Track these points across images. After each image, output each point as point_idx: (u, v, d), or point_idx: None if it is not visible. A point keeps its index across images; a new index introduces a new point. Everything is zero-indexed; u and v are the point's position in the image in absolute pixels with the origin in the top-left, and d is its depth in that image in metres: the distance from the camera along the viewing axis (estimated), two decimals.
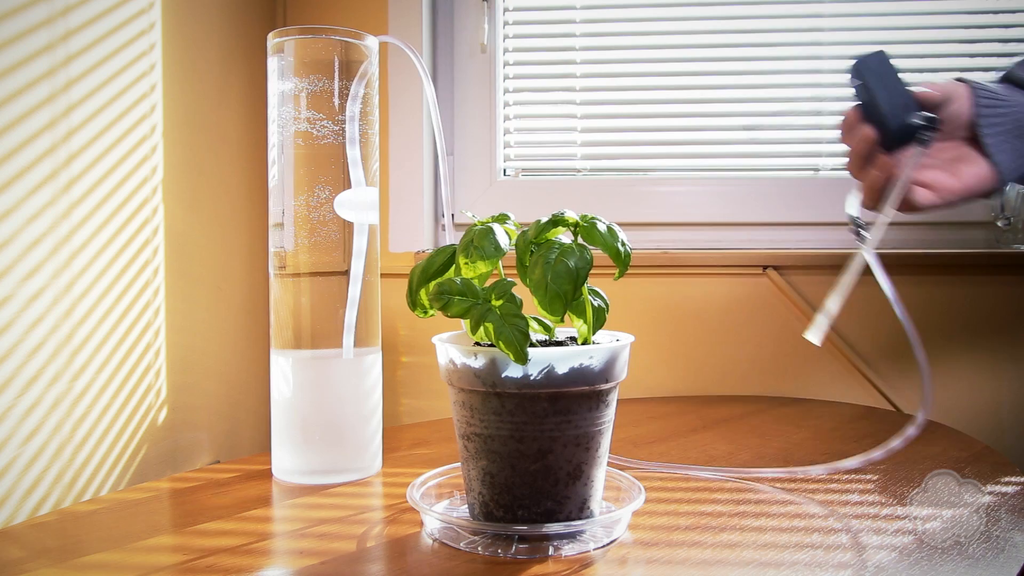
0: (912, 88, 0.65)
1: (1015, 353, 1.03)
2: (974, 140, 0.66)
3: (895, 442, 0.59)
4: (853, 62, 0.65)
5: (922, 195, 0.65)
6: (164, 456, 0.87)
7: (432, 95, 0.68)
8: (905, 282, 1.04)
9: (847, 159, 0.67)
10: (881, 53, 0.64)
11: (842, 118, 0.68)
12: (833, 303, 0.60)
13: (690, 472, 0.67)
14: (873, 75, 0.64)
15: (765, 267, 1.06)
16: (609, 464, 0.55)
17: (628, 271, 0.53)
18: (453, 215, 1.17)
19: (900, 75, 0.64)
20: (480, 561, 0.49)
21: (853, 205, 0.66)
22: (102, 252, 0.78)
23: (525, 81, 1.17)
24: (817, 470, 0.65)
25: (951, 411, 1.03)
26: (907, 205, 0.65)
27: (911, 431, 0.58)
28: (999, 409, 1.03)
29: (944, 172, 0.65)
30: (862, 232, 0.64)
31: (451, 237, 0.65)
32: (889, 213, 0.63)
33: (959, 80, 0.67)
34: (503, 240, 0.52)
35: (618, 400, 0.54)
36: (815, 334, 0.60)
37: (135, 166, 0.82)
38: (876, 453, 0.60)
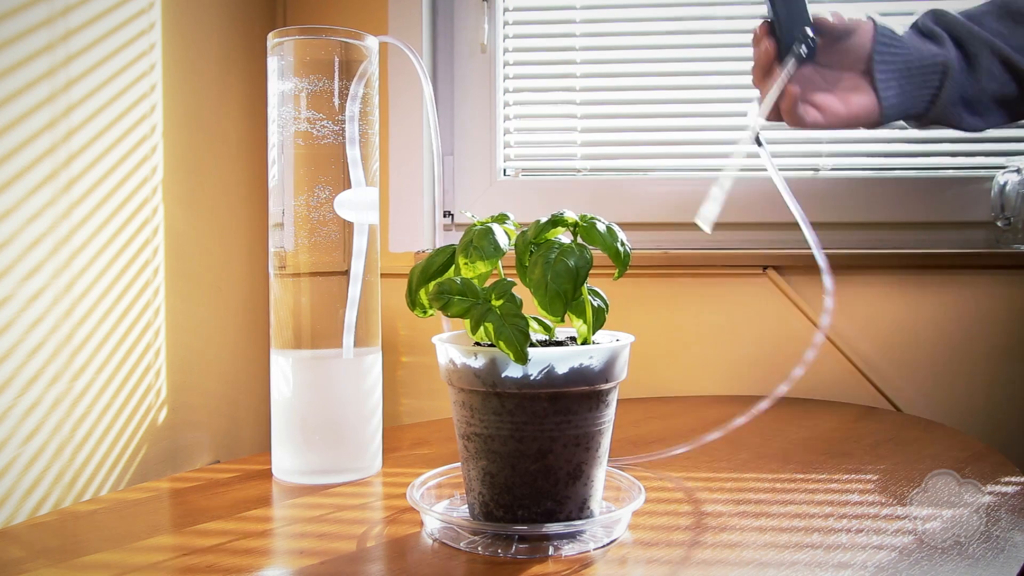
0: (814, 12, 0.69)
1: (1015, 353, 1.03)
2: (870, 75, 0.71)
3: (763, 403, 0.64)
4: None
5: (811, 114, 0.71)
6: (164, 456, 0.87)
7: (431, 95, 0.68)
8: (906, 282, 1.04)
9: (752, 69, 0.73)
10: None
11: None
12: (722, 188, 0.64)
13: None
14: None
15: (765, 267, 1.06)
16: (609, 464, 0.55)
17: (628, 271, 0.53)
18: (453, 215, 1.17)
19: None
20: (480, 561, 0.49)
21: (752, 111, 0.72)
22: (102, 252, 0.78)
23: (525, 81, 1.17)
24: (662, 454, 0.69)
25: (951, 411, 1.03)
26: (797, 121, 0.71)
27: (796, 373, 0.63)
28: (999, 409, 1.03)
29: (836, 98, 0.71)
30: (757, 137, 0.70)
31: (441, 238, 0.65)
32: (765, 115, 0.70)
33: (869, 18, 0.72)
34: (503, 240, 0.52)
35: (618, 400, 0.54)
36: (704, 221, 0.64)
37: (135, 166, 0.82)
38: (740, 420, 0.65)
